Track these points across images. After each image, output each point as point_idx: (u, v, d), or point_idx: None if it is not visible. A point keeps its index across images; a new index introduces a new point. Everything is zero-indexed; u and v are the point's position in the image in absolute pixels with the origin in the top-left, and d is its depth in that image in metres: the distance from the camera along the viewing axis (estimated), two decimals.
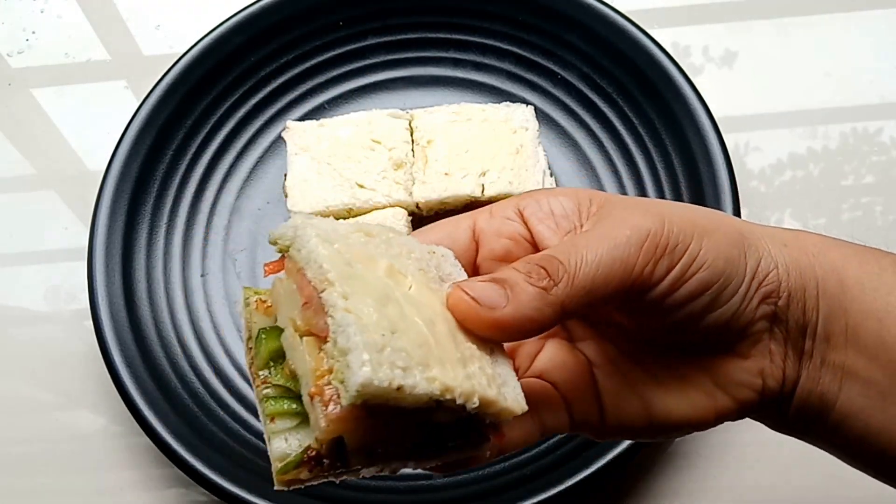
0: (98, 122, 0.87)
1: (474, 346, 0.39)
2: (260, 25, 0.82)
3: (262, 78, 0.83)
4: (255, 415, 0.72)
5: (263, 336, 0.40)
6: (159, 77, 0.80)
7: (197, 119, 0.81)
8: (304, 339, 0.38)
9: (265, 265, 0.42)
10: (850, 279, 0.43)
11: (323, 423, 0.35)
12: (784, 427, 0.46)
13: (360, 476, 0.38)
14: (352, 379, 0.34)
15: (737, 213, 0.71)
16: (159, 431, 0.67)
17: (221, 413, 0.72)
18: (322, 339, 0.37)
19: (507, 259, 0.44)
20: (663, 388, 0.44)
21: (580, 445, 0.67)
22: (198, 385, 0.73)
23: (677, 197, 0.75)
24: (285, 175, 0.76)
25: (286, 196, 0.75)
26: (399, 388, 0.34)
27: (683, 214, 0.42)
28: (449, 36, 0.84)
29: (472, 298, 0.39)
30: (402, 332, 0.36)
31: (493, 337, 0.39)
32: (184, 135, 0.80)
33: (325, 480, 0.38)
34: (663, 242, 0.40)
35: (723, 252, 0.41)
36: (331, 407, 0.35)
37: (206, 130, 0.81)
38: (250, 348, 0.41)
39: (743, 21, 0.89)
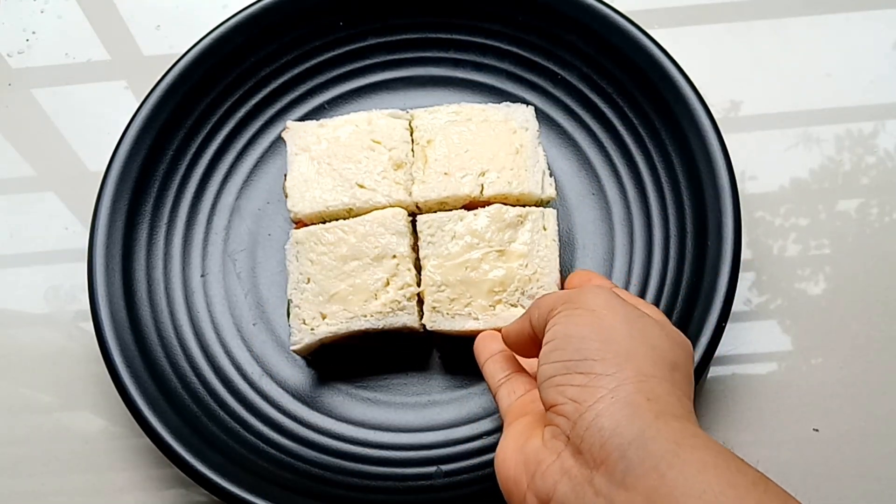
0: (98, 123, 0.87)
1: None
2: (260, 25, 0.82)
3: (262, 78, 0.83)
4: (256, 415, 0.72)
5: None
6: (159, 77, 0.80)
7: (197, 119, 0.81)
8: None
9: None
10: None
11: None
12: None
13: None
14: None
15: (737, 212, 0.70)
16: (159, 432, 0.67)
17: (221, 413, 0.72)
18: None
19: None
20: None
21: None
22: (198, 385, 0.73)
23: (677, 197, 0.75)
24: (285, 175, 0.76)
25: (286, 196, 0.75)
26: None
27: None
28: (449, 36, 0.84)
29: None
30: None
31: None
32: (184, 135, 0.80)
33: None
34: None
35: None
36: None
37: (206, 130, 0.81)
38: None
39: (743, 21, 0.89)
